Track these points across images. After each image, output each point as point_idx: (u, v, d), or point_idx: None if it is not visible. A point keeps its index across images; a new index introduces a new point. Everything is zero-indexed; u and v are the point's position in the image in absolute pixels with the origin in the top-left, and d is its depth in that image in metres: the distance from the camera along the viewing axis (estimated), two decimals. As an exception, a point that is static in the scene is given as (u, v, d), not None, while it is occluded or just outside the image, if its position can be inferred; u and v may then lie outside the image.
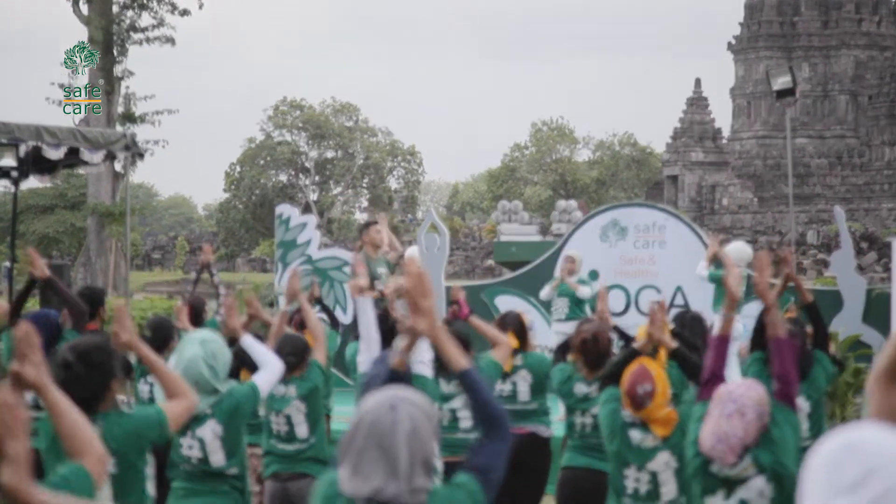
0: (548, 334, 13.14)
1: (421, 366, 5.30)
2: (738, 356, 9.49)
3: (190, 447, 5.56)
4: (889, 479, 1.97)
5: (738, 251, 12.45)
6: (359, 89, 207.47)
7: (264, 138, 66.83)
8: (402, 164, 69.21)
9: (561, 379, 6.76)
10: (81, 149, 12.96)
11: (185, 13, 29.62)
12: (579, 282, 13.03)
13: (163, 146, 28.28)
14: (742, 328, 9.75)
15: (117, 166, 22.07)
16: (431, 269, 13.25)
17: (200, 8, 29.98)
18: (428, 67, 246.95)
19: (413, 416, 3.02)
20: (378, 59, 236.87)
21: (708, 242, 13.43)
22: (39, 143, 12.41)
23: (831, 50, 60.49)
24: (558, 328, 12.79)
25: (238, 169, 65.84)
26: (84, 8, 28.45)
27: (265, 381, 5.70)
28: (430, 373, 5.50)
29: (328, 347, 7.54)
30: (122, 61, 28.76)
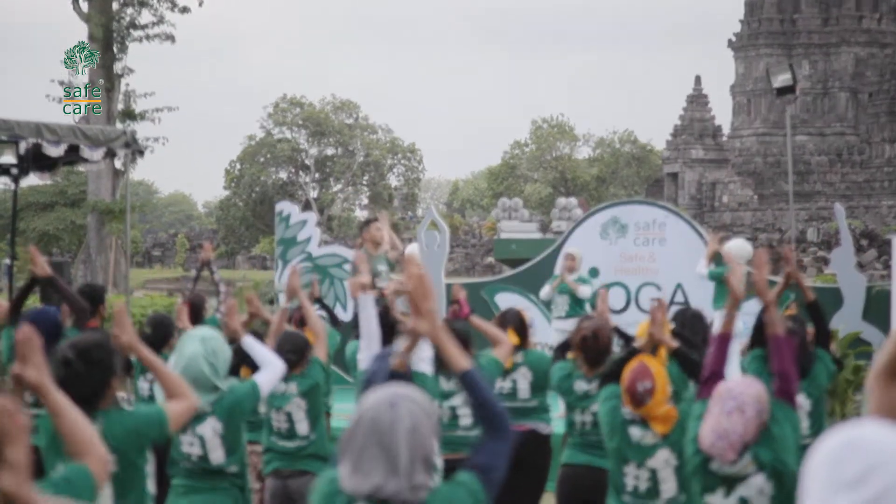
0: (548, 331, 13.15)
1: (421, 363, 5.31)
2: (739, 354, 9.49)
3: (190, 444, 5.56)
4: (889, 475, 1.97)
5: (738, 249, 12.45)
6: (359, 87, 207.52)
7: (264, 135, 66.84)
8: (403, 161, 69.22)
9: (561, 376, 6.76)
10: (81, 146, 12.96)
11: (184, 10, 29.66)
12: (579, 279, 13.02)
13: (163, 143, 28.29)
14: (742, 325, 9.75)
15: (117, 163, 22.07)
16: (431, 266, 13.26)
17: (200, 5, 30.01)
18: (428, 65, 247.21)
19: (413, 414, 3.02)
20: (378, 58, 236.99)
21: (708, 240, 13.44)
22: (39, 141, 12.40)
23: (831, 47, 60.47)
24: (558, 325, 12.79)
25: (238, 166, 65.85)
26: (84, 5, 28.47)
27: (266, 381, 5.70)
28: (430, 370, 5.50)
29: (328, 345, 7.54)
30: (122, 58, 28.80)
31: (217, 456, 5.54)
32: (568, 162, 73.29)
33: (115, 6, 28.76)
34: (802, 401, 6.42)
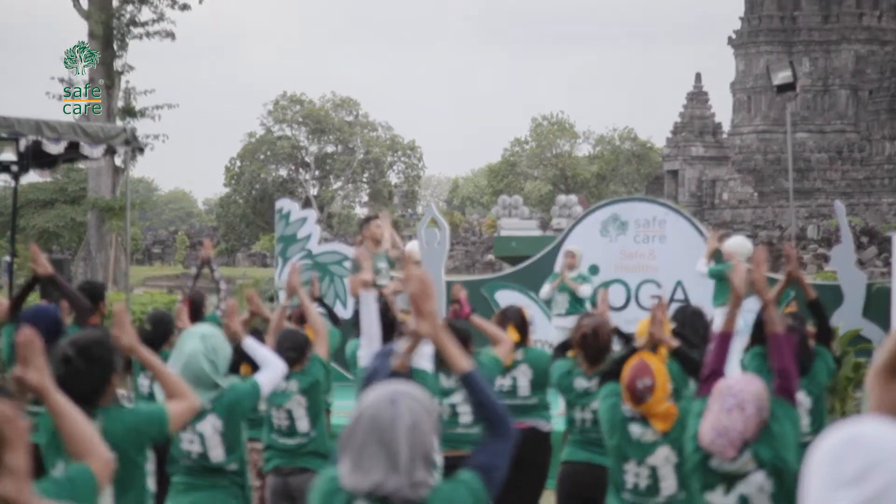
0: (548, 329, 13.15)
1: (421, 360, 5.30)
2: (740, 352, 9.48)
3: (190, 442, 5.56)
4: (890, 472, 1.97)
5: (738, 246, 12.45)
6: (359, 86, 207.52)
7: (264, 133, 66.83)
8: (403, 158, 69.22)
9: (561, 374, 6.76)
10: (81, 143, 12.96)
11: (185, 8, 29.63)
12: (580, 277, 13.02)
13: (163, 141, 28.27)
14: (742, 323, 9.74)
15: (117, 161, 22.10)
16: (431, 263, 13.25)
17: (200, 3, 29.98)
18: (428, 65, 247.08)
19: (413, 411, 3.02)
20: (378, 58, 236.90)
21: (708, 238, 13.44)
22: (39, 138, 12.40)
23: (832, 44, 60.46)
24: (558, 323, 12.80)
25: (238, 163, 65.84)
26: (84, 2, 28.45)
27: (267, 380, 5.70)
28: (431, 367, 5.50)
29: (329, 343, 7.54)
30: (122, 56, 28.77)
31: (217, 454, 5.54)
32: (568, 159, 73.26)
33: (115, 3, 28.74)
34: (803, 398, 6.41)
